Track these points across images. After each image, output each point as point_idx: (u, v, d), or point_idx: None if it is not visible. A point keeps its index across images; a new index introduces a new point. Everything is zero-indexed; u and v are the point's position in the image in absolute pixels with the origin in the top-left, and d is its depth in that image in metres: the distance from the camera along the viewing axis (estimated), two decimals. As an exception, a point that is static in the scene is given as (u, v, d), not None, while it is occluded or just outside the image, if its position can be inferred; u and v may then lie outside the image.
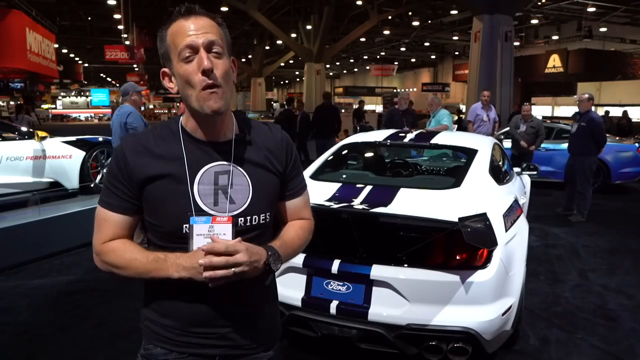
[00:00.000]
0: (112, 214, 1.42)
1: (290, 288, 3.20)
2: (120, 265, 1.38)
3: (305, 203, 1.65)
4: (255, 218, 1.45)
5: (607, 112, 21.29)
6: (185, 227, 1.37)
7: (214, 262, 1.27)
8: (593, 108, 9.43)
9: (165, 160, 1.40)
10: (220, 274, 1.28)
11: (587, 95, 7.68)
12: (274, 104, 37.93)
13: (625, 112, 19.86)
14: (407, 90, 9.29)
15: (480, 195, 3.55)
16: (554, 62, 22.86)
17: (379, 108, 37.61)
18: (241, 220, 1.42)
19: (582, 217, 7.71)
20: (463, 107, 23.17)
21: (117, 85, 56.60)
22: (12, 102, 20.94)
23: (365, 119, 18.16)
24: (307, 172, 4.30)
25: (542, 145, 9.41)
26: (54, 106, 47.56)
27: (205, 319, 1.44)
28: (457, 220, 2.83)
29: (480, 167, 3.99)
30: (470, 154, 4.24)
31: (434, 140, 4.69)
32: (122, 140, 1.46)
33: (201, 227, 1.35)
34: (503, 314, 3.04)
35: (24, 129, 7.37)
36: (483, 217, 2.95)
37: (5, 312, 4.32)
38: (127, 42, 22.91)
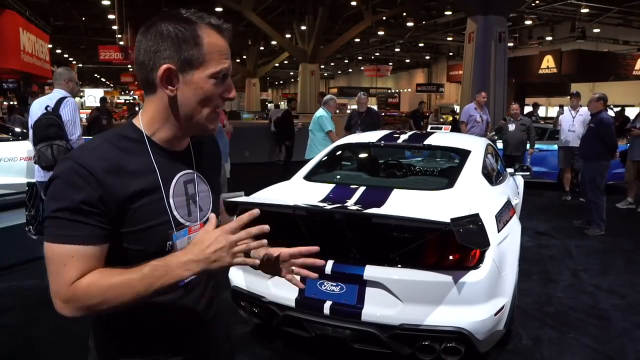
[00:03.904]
0: (83, 247, 1.18)
1: (284, 288, 3.21)
2: (108, 296, 1.16)
3: None
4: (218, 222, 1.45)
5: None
6: (169, 244, 1.30)
7: (250, 243, 1.21)
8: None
9: (139, 177, 1.26)
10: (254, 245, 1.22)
11: (597, 95, 7.17)
12: (269, 105, 37.88)
13: (618, 113, 19.90)
14: (364, 93, 9.38)
15: (473, 196, 3.58)
16: (548, 63, 22.82)
17: (374, 108, 37.63)
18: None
19: (601, 229, 7.09)
20: (457, 108, 23.18)
21: (111, 85, 56.40)
22: (5, 103, 20.85)
23: (428, 122, 16.14)
24: (301, 173, 4.31)
25: (535, 145, 9.49)
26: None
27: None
28: (449, 221, 2.85)
29: (473, 168, 4.02)
30: (464, 155, 4.27)
31: (427, 142, 4.72)
32: (75, 158, 1.21)
33: (182, 242, 1.31)
34: (496, 314, 3.06)
35: (17, 130, 7.36)
36: (475, 218, 2.97)
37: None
38: (121, 43, 22.80)
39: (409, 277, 2.98)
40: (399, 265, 3.03)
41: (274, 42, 31.38)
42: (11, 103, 18.95)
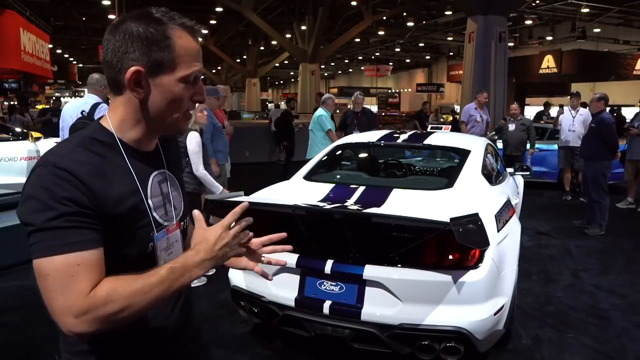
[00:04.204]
0: (88, 252, 1.11)
1: (284, 288, 3.22)
2: (131, 303, 1.11)
3: None
4: (188, 219, 1.46)
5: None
6: (150, 245, 1.28)
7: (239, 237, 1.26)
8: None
9: (119, 181, 1.22)
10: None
11: (598, 95, 7.15)
12: (269, 105, 37.96)
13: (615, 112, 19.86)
14: (361, 93, 9.29)
15: (472, 195, 3.58)
16: (548, 63, 22.80)
17: (374, 108, 37.69)
18: (182, 224, 1.42)
19: (601, 229, 7.07)
20: (457, 108, 23.17)
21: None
22: (5, 103, 20.93)
23: (428, 123, 15.47)
24: (301, 173, 4.32)
25: (535, 145, 9.50)
26: (48, 107, 47.22)
27: None
28: (449, 220, 2.85)
29: (472, 167, 4.02)
30: (463, 154, 4.27)
31: (427, 141, 4.72)
32: (52, 163, 1.12)
33: (162, 243, 1.31)
34: (495, 314, 3.07)
35: (18, 129, 7.37)
36: (475, 218, 2.97)
37: (-1, 313, 4.32)
38: (122, 43, 22.86)
39: (409, 277, 2.99)
40: (399, 265, 3.03)
41: (274, 42, 31.39)
42: (12, 103, 18.98)
